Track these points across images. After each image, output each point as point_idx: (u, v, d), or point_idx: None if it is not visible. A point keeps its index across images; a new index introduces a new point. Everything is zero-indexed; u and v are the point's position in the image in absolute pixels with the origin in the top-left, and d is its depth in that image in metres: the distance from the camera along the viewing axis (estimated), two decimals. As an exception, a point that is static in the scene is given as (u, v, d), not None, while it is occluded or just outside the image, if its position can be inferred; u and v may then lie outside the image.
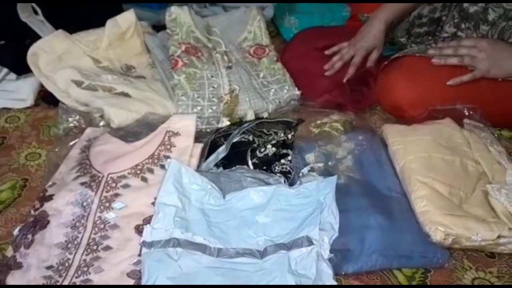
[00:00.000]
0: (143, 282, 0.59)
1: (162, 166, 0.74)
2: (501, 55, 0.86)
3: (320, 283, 0.59)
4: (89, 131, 0.85)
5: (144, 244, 0.63)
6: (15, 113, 0.95)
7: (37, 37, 0.94)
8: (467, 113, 0.86)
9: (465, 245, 0.69)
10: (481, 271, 0.69)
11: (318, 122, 0.90)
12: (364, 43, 0.99)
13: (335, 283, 0.60)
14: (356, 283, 0.66)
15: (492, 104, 0.88)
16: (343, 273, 0.66)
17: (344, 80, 0.99)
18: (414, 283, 0.67)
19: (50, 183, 0.75)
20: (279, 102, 0.93)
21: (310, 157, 0.82)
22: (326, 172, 0.78)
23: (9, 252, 0.66)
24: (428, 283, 0.67)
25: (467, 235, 0.68)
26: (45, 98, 0.96)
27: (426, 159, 0.77)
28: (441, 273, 0.69)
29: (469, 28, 0.94)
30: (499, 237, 0.68)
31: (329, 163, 0.81)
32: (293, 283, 0.57)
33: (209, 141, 0.83)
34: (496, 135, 0.86)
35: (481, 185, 0.75)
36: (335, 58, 1.01)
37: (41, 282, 0.62)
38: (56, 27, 0.96)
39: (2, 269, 0.64)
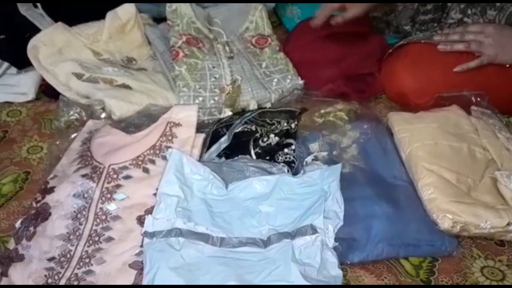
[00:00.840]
0: (145, 272, 0.58)
1: (164, 157, 0.73)
2: (508, 41, 0.84)
3: (325, 272, 0.58)
4: (90, 124, 0.84)
5: (145, 234, 0.62)
6: (16, 107, 0.95)
7: (37, 30, 0.93)
8: (474, 100, 0.84)
9: (473, 232, 0.68)
10: (491, 260, 0.68)
11: (322, 111, 0.89)
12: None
13: (340, 271, 0.59)
14: (362, 272, 0.65)
15: (499, 91, 0.86)
16: (348, 262, 0.65)
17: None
18: (421, 272, 0.66)
19: (51, 175, 0.74)
20: (282, 91, 0.92)
21: (314, 146, 0.81)
22: (331, 161, 0.76)
23: (11, 244, 0.66)
24: (436, 272, 0.66)
25: (476, 223, 0.66)
26: (46, 91, 0.96)
27: (432, 146, 0.76)
28: (449, 261, 0.67)
29: (476, 13, 0.92)
30: (508, 224, 0.66)
31: (334, 152, 0.80)
32: (297, 272, 0.55)
33: (211, 131, 0.82)
34: (504, 122, 0.84)
35: (489, 172, 0.73)
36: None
37: (43, 273, 0.61)
38: (56, 20, 0.96)
39: (4, 261, 0.63)
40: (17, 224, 0.68)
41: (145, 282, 0.57)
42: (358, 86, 0.95)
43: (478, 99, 0.85)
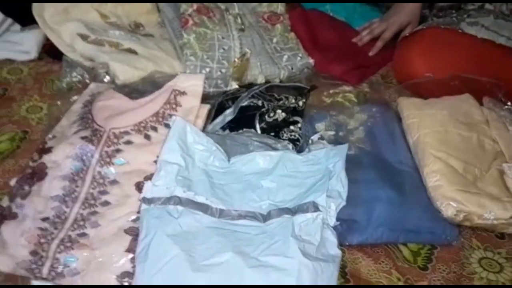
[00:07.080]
0: (141, 238, 0.57)
1: (167, 125, 0.72)
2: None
3: (323, 250, 0.57)
4: (93, 86, 0.82)
5: (143, 200, 0.60)
6: (18, 65, 0.92)
7: (43, -13, 0.91)
8: (490, 88, 0.82)
9: (476, 222, 0.66)
10: (490, 251, 0.67)
11: (331, 91, 0.87)
12: (397, 18, 0.96)
13: (339, 251, 0.58)
14: (360, 254, 0.64)
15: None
16: (347, 243, 0.64)
17: (370, 54, 0.98)
18: (419, 258, 0.65)
19: (50, 135, 0.73)
20: (292, 68, 0.89)
21: (320, 126, 0.79)
22: (337, 142, 0.75)
23: (5, 202, 0.64)
24: (434, 260, 0.65)
25: (480, 213, 0.65)
26: (50, 51, 0.93)
27: (441, 134, 0.74)
28: (448, 250, 0.66)
29: None
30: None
31: (340, 133, 0.78)
32: (296, 247, 0.54)
33: (217, 103, 0.80)
34: (515, 115, 0.82)
35: (497, 163, 0.72)
36: (365, 32, 0.99)
37: (36, 233, 0.60)
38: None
39: (-4, 219, 0.62)
40: (12, 183, 0.67)
41: (139, 248, 0.56)
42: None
43: (494, 88, 0.82)
